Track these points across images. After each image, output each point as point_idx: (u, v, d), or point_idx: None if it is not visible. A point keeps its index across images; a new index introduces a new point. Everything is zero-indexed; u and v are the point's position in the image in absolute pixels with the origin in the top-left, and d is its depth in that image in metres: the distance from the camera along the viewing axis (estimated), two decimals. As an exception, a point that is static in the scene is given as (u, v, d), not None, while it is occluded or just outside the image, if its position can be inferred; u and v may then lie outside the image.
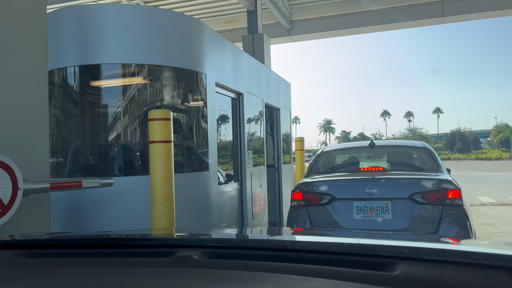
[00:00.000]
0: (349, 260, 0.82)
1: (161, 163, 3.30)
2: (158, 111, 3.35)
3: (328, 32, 12.18)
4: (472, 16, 11.54)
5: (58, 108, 4.02)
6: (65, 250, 1.07)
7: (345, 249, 0.87)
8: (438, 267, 0.77)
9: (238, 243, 1.06)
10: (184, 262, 0.87)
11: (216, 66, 4.63)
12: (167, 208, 3.31)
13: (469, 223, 3.80)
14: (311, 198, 4.03)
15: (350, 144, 6.11)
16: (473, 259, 0.77)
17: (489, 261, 0.76)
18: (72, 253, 1.04)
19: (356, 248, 0.87)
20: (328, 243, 0.93)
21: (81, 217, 3.74)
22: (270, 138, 7.13)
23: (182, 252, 0.91)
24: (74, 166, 3.93)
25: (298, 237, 1.35)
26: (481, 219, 8.58)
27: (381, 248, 0.85)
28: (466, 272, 0.74)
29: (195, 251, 0.91)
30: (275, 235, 1.48)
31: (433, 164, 4.59)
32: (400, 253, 0.81)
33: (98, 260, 0.95)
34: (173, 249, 0.93)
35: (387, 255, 0.82)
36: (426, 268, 0.76)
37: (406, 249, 0.83)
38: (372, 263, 0.80)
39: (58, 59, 3.87)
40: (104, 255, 1.00)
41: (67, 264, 0.94)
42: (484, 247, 1.03)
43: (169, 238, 1.22)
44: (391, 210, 3.83)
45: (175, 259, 0.89)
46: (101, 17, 3.83)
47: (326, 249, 0.88)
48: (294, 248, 0.92)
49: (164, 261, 0.89)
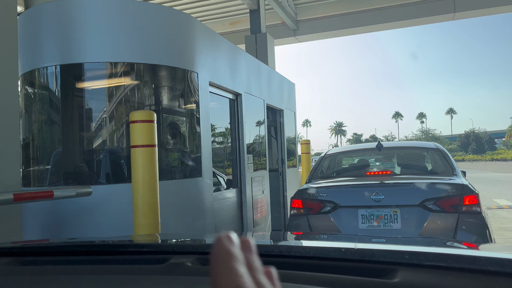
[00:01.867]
0: (347, 266, 0.79)
1: (144, 169, 3.00)
2: (140, 113, 3.06)
3: (335, 31, 11.85)
4: (484, 12, 11.12)
5: (38, 111, 3.75)
6: (55, 257, 1.05)
7: (343, 255, 0.84)
8: (442, 273, 0.72)
9: None
10: (177, 269, 0.86)
11: (210, 65, 4.32)
12: (151, 218, 3.00)
13: (489, 232, 3.42)
14: (311, 205, 3.68)
15: (356, 146, 5.74)
16: (478, 265, 0.73)
17: (495, 267, 0.70)
18: (63, 260, 1.02)
19: (354, 254, 0.83)
20: (325, 249, 0.90)
21: (62, 227, 3.46)
22: (273, 141, 6.81)
23: (175, 259, 0.89)
24: (55, 174, 3.66)
25: (294, 242, 1.31)
26: (499, 223, 8.12)
27: (380, 254, 0.81)
28: (472, 279, 0.70)
29: (188, 257, 0.89)
30: (271, 240, 1.45)
31: (447, 167, 4.21)
32: (400, 259, 0.77)
33: (90, 268, 0.93)
34: (165, 256, 0.92)
35: (387, 261, 0.78)
36: (429, 275, 0.72)
37: (406, 255, 0.78)
38: (371, 270, 0.76)
39: (37, 59, 3.61)
40: (95, 262, 0.98)
41: (58, 272, 0.91)
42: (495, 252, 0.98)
43: (161, 244, 1.20)
44: (400, 219, 3.46)
45: (168, 266, 0.87)
46: (83, 12, 3.56)
47: (322, 255, 0.86)
48: (289, 254, 0.90)
49: (156, 268, 0.87)
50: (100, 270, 0.89)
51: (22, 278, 0.87)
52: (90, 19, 3.55)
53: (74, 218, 3.42)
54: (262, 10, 8.89)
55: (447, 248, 1.07)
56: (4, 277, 0.89)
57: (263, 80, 5.99)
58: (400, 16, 11.09)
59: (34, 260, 1.02)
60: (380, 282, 0.72)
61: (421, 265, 0.75)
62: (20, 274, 0.92)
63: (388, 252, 0.83)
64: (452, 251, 0.98)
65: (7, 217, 2.68)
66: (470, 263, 0.74)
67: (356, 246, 0.96)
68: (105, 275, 0.86)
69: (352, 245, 0.99)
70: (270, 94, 6.25)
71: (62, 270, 0.92)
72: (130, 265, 0.92)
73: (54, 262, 1.01)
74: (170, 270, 0.85)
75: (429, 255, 0.78)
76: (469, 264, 0.74)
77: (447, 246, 1.15)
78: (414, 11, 10.97)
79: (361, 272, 0.76)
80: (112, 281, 0.81)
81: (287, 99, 7.22)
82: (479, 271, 0.72)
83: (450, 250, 0.99)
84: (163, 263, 0.88)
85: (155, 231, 3.03)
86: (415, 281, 0.71)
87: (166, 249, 1.04)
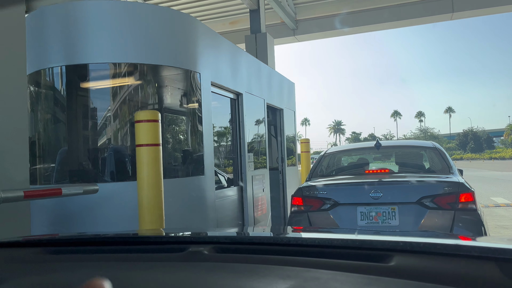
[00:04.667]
0: (348, 253, 0.87)
1: (149, 168, 3.08)
2: (144, 112, 3.14)
3: (334, 31, 11.91)
4: (482, 12, 11.20)
5: (45, 110, 3.83)
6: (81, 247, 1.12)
7: (345, 243, 0.94)
8: (431, 258, 0.82)
9: (244, 239, 1.14)
10: (195, 256, 0.93)
11: (212, 65, 4.40)
12: (155, 215, 3.08)
13: (484, 228, 3.51)
14: (312, 203, 3.77)
15: (355, 145, 5.82)
16: (463, 251, 0.85)
17: (478, 253, 0.81)
18: (88, 250, 1.09)
19: (355, 242, 0.94)
20: (329, 239, 1.01)
21: (68, 224, 3.54)
22: (273, 140, 6.89)
23: (193, 248, 0.97)
24: (61, 171, 3.73)
25: (300, 233, 1.46)
26: (496, 221, 8.22)
27: (378, 242, 0.93)
28: (458, 263, 0.79)
29: (205, 246, 0.97)
30: (279, 232, 1.58)
31: (444, 165, 4.30)
32: (396, 246, 0.87)
33: (114, 256, 1.01)
34: (183, 245, 1.00)
35: (384, 247, 0.88)
36: (420, 260, 0.81)
37: (401, 243, 0.89)
38: (370, 256, 0.85)
39: (43, 59, 3.69)
40: (120, 251, 1.06)
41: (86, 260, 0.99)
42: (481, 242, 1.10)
43: (181, 235, 1.29)
44: (398, 216, 3.55)
45: (187, 254, 0.95)
46: (87, 14, 3.63)
47: (327, 243, 0.95)
48: (297, 243, 0.99)
49: (176, 256, 0.95)
50: (125, 258, 0.97)
51: (56, 265, 0.96)
52: (95, 21, 3.63)
53: (80, 215, 3.50)
54: (262, 10, 8.96)
55: (436, 238, 1.18)
56: (39, 264, 0.97)
57: (263, 80, 6.07)
58: (398, 16, 11.16)
59: (63, 249, 1.11)
60: (378, 266, 0.80)
61: (413, 251, 0.84)
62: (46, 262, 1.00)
63: (385, 241, 0.93)
64: (439, 240, 1.07)
65: (16, 213, 2.76)
66: (455, 249, 0.85)
67: (357, 236, 1.05)
68: (131, 262, 0.93)
69: (353, 236, 1.10)
70: (270, 93, 6.33)
71: (91, 258, 1.01)
72: (152, 254, 1.00)
73: (75, 252, 1.09)
74: (190, 258, 0.93)
75: (420, 243, 0.89)
76: (454, 250, 0.84)
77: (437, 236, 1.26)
78: (412, 11, 11.04)
79: (360, 257, 0.84)
80: (138, 267, 0.89)
81: (287, 98, 7.30)
82: (464, 256, 0.81)
83: (438, 240, 1.09)
84: (183, 251, 0.97)
85: (159, 227, 3.11)
86: (409, 264, 0.80)
87: (185, 239, 1.14)
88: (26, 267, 0.96)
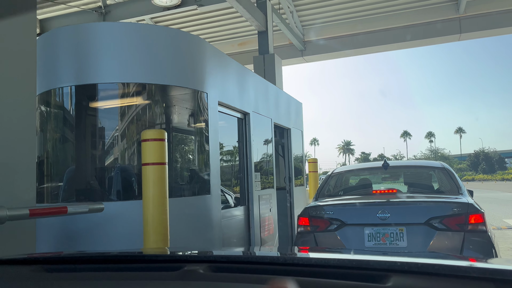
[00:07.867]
0: (345, 273, 0.86)
1: (155, 186, 3.09)
2: (151, 131, 3.16)
3: (342, 52, 12.00)
4: (490, 33, 11.21)
5: (53, 130, 3.88)
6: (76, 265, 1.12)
7: (341, 263, 0.93)
8: (429, 279, 0.80)
9: (241, 258, 1.12)
10: (190, 275, 0.92)
11: (219, 85, 4.44)
12: (160, 234, 3.07)
13: (495, 250, 3.43)
14: (318, 223, 3.73)
15: (362, 165, 5.79)
16: (461, 272, 0.83)
17: (476, 274, 0.79)
18: (85, 268, 1.09)
19: (351, 262, 0.93)
20: (325, 258, 1.00)
21: (73, 242, 3.54)
22: (281, 159, 6.87)
23: (188, 267, 0.95)
24: (68, 190, 3.76)
25: (297, 253, 1.46)
26: (509, 244, 8.02)
27: (374, 262, 0.91)
28: (456, 284, 0.78)
29: (201, 265, 0.96)
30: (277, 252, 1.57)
31: (453, 186, 4.24)
32: (393, 266, 0.86)
33: (109, 274, 1.00)
34: (179, 264, 0.98)
35: (381, 268, 0.86)
36: (417, 280, 0.80)
37: (398, 263, 0.87)
38: (367, 276, 0.83)
39: (54, 79, 3.76)
40: (115, 269, 1.05)
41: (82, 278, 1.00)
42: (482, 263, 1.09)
43: (175, 254, 1.28)
44: (406, 237, 3.49)
45: (182, 272, 0.93)
46: (97, 35, 3.72)
47: (323, 263, 0.95)
48: (294, 262, 0.98)
49: (172, 275, 0.94)
50: (120, 277, 0.97)
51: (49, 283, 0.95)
52: (104, 42, 3.70)
53: (85, 233, 3.50)
54: (270, 31, 9.08)
55: (434, 259, 1.15)
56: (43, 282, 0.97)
57: (271, 100, 6.10)
58: (406, 37, 11.22)
59: (57, 268, 1.11)
60: (375, 286, 0.79)
61: (411, 271, 0.83)
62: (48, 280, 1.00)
63: (382, 261, 0.93)
64: (437, 261, 1.05)
65: (22, 231, 2.77)
66: (453, 270, 0.83)
67: (353, 256, 1.04)
68: (125, 280, 0.93)
69: (350, 256, 1.10)
70: (278, 113, 6.36)
71: (84, 276, 1.00)
72: (147, 272, 0.99)
73: (76, 270, 1.09)
74: (185, 276, 0.92)
75: (418, 264, 0.87)
76: (452, 271, 0.83)
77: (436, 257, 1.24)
78: (420, 32, 11.10)
79: (358, 278, 0.83)
80: (132, 286, 0.88)
81: (295, 118, 7.31)
82: (464, 277, 0.80)
83: (436, 260, 1.06)
84: (178, 270, 0.95)
85: (164, 246, 3.09)
86: (406, 285, 0.78)
87: (180, 258, 1.12)
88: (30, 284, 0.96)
